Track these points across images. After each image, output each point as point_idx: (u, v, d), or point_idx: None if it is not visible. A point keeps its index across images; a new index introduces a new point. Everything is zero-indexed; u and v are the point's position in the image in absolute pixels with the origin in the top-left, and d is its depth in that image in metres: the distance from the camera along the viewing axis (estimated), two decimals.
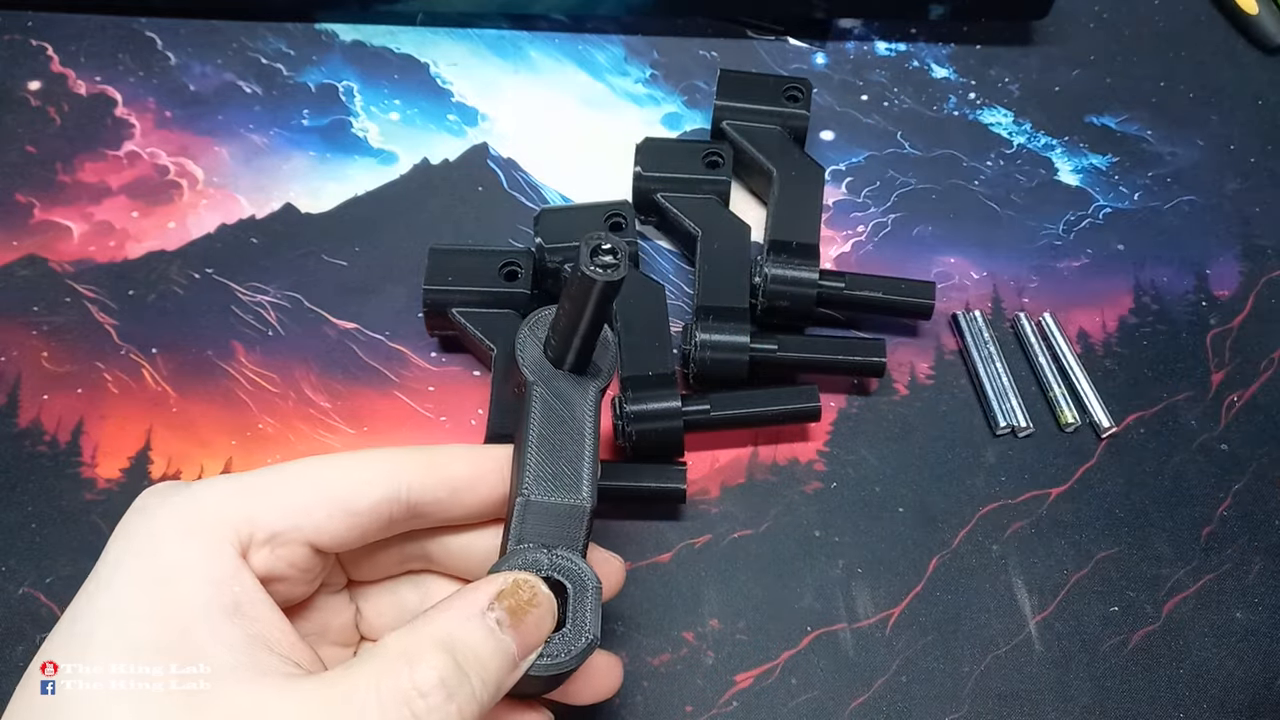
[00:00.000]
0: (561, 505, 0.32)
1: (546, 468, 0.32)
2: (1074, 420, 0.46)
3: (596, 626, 0.31)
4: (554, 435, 0.33)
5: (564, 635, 0.30)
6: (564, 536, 0.32)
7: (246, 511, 0.30)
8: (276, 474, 0.31)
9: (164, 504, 0.30)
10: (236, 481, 0.31)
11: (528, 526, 0.32)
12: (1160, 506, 0.45)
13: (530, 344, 0.34)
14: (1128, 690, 0.41)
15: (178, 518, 0.29)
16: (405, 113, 0.54)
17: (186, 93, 0.54)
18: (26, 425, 0.45)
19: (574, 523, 0.32)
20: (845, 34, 0.57)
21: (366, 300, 0.48)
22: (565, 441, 0.33)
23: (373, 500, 0.31)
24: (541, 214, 0.47)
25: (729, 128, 0.50)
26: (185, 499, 0.30)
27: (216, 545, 0.29)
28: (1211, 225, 0.52)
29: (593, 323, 0.32)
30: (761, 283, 0.45)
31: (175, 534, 0.29)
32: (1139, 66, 0.57)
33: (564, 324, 0.32)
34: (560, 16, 0.57)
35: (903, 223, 0.51)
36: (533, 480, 0.32)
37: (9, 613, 0.41)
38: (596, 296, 0.31)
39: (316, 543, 0.31)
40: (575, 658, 0.30)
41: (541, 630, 0.30)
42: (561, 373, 0.34)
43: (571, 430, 0.33)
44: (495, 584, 0.29)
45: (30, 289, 0.48)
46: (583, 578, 0.31)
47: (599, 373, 0.34)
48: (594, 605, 0.31)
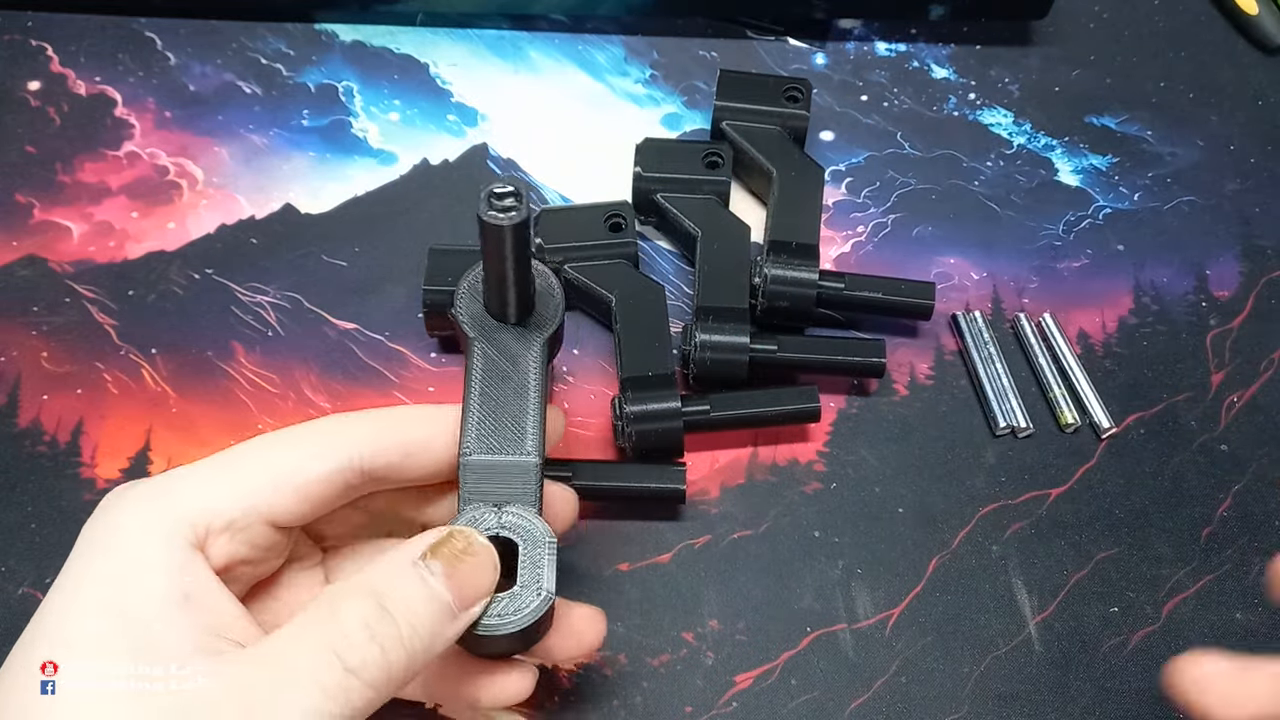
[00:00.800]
0: (506, 462, 0.32)
1: (488, 424, 0.32)
2: (1074, 421, 0.46)
3: (551, 581, 0.30)
4: (496, 391, 0.33)
5: (515, 594, 0.30)
6: (514, 494, 0.31)
7: (200, 502, 0.31)
8: (227, 459, 0.32)
9: (121, 502, 0.31)
10: (190, 473, 0.31)
11: (471, 486, 0.31)
12: (1160, 507, 0.45)
13: (468, 300, 0.34)
14: (1128, 690, 0.41)
15: (134, 515, 0.30)
16: (405, 113, 0.54)
17: (186, 93, 0.54)
18: (26, 425, 0.45)
19: (522, 479, 0.32)
20: (845, 34, 0.57)
21: (366, 300, 0.48)
22: (508, 397, 0.33)
23: (324, 471, 0.32)
24: (541, 214, 0.47)
25: (729, 128, 0.50)
26: (141, 495, 0.31)
27: (169, 539, 0.30)
28: (1211, 225, 0.52)
29: (516, 269, 0.32)
30: (761, 283, 0.45)
31: (132, 531, 0.30)
32: (1139, 66, 0.57)
33: (491, 276, 0.32)
34: (560, 17, 0.57)
35: (902, 223, 0.51)
36: (474, 439, 0.32)
37: (9, 613, 0.41)
38: (510, 240, 0.30)
39: (274, 520, 0.31)
40: (527, 615, 0.30)
41: (480, 581, 0.30)
42: (504, 326, 0.33)
43: (515, 384, 0.33)
44: (429, 537, 0.30)
45: (30, 289, 0.48)
46: (533, 533, 0.31)
47: (543, 322, 0.34)
48: (549, 560, 0.31)
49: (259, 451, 0.32)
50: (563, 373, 0.47)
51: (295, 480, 0.31)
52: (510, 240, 0.30)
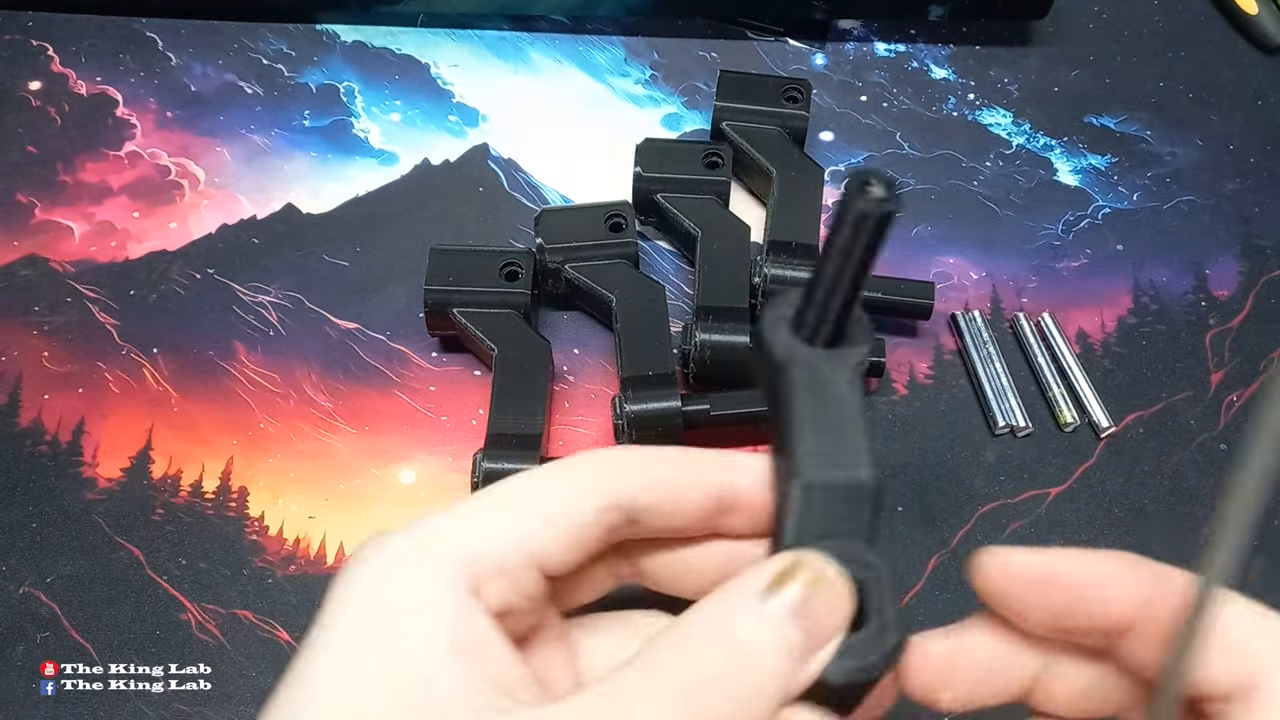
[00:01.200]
0: (843, 484, 0.28)
1: (818, 445, 0.28)
2: (1073, 420, 0.46)
3: (902, 624, 0.26)
4: (821, 413, 0.28)
5: (865, 635, 0.26)
6: (846, 524, 0.27)
7: (473, 543, 0.27)
8: (494, 497, 0.28)
9: (384, 550, 0.27)
10: (454, 516, 0.28)
11: (806, 516, 0.27)
12: (1160, 506, 0.45)
13: (777, 327, 0.29)
14: None
15: (402, 561, 0.26)
16: (406, 113, 0.54)
17: (187, 93, 0.54)
18: (27, 425, 0.45)
19: (858, 505, 0.27)
20: (845, 35, 0.57)
21: (367, 300, 0.48)
22: (834, 418, 0.28)
23: (594, 509, 0.28)
24: (542, 214, 0.47)
25: (729, 128, 0.50)
26: (407, 541, 0.27)
27: (446, 586, 0.26)
28: (1211, 225, 0.52)
29: (858, 272, 0.28)
30: (761, 283, 0.45)
31: (403, 580, 0.26)
32: (1139, 66, 0.57)
33: (827, 281, 0.28)
34: (560, 17, 0.57)
35: (902, 223, 0.51)
36: (806, 460, 0.27)
37: (9, 613, 0.41)
38: (871, 232, 0.26)
39: (545, 564, 0.28)
40: (884, 658, 0.25)
41: (833, 619, 0.25)
42: (816, 351, 0.29)
43: (839, 405, 0.29)
44: (774, 565, 0.25)
45: (31, 289, 0.48)
46: (877, 567, 0.26)
47: (856, 341, 0.30)
48: (892, 599, 0.26)
49: (523, 491, 0.28)
50: (563, 372, 0.47)
51: (568, 519, 0.28)
52: (871, 232, 0.26)
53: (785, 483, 0.28)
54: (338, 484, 0.44)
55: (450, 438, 0.45)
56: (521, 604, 0.28)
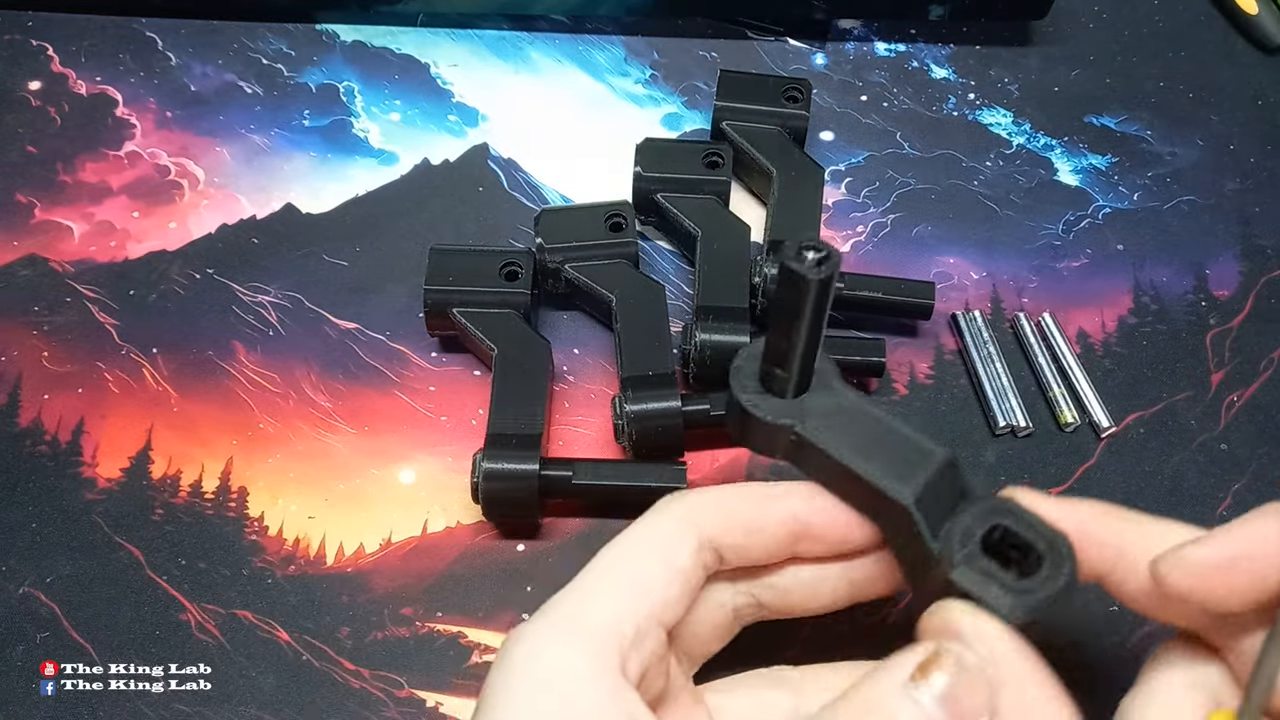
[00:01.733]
0: (936, 475, 0.30)
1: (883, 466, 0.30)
2: (1073, 420, 0.46)
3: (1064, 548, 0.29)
4: (861, 439, 0.31)
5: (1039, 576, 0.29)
6: (952, 495, 0.30)
7: (612, 614, 0.29)
8: (604, 572, 0.30)
9: (538, 634, 0.29)
10: (581, 594, 0.29)
11: (932, 519, 0.30)
12: (1160, 506, 0.44)
13: (758, 403, 0.32)
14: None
15: (553, 647, 0.28)
16: (406, 113, 0.54)
17: (187, 93, 0.54)
18: (27, 425, 0.45)
19: (952, 476, 0.31)
20: (845, 34, 0.57)
21: (367, 300, 0.48)
22: (874, 436, 0.31)
23: (691, 549, 0.30)
24: (541, 214, 0.47)
25: (729, 128, 0.50)
26: (558, 622, 0.29)
27: (599, 664, 0.28)
28: (1211, 225, 0.52)
29: (811, 332, 0.30)
30: (761, 283, 0.45)
31: (557, 663, 0.28)
32: (1139, 66, 0.57)
33: (780, 343, 0.31)
34: (560, 17, 0.57)
35: (902, 223, 0.51)
36: (891, 487, 0.30)
37: (9, 613, 0.41)
38: (814, 295, 0.29)
39: (664, 617, 0.30)
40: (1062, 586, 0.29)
41: (977, 702, 0.27)
42: (804, 396, 0.32)
43: (867, 423, 0.31)
44: (917, 654, 0.27)
45: (31, 289, 0.48)
46: (1001, 508, 0.30)
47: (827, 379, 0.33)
48: (1038, 524, 0.30)
49: (629, 550, 0.30)
50: (563, 372, 0.47)
51: (672, 565, 0.30)
52: (814, 295, 0.29)
53: (896, 516, 0.30)
54: (337, 484, 0.44)
55: (450, 438, 0.45)
56: (653, 665, 0.29)
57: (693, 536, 0.30)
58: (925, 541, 0.30)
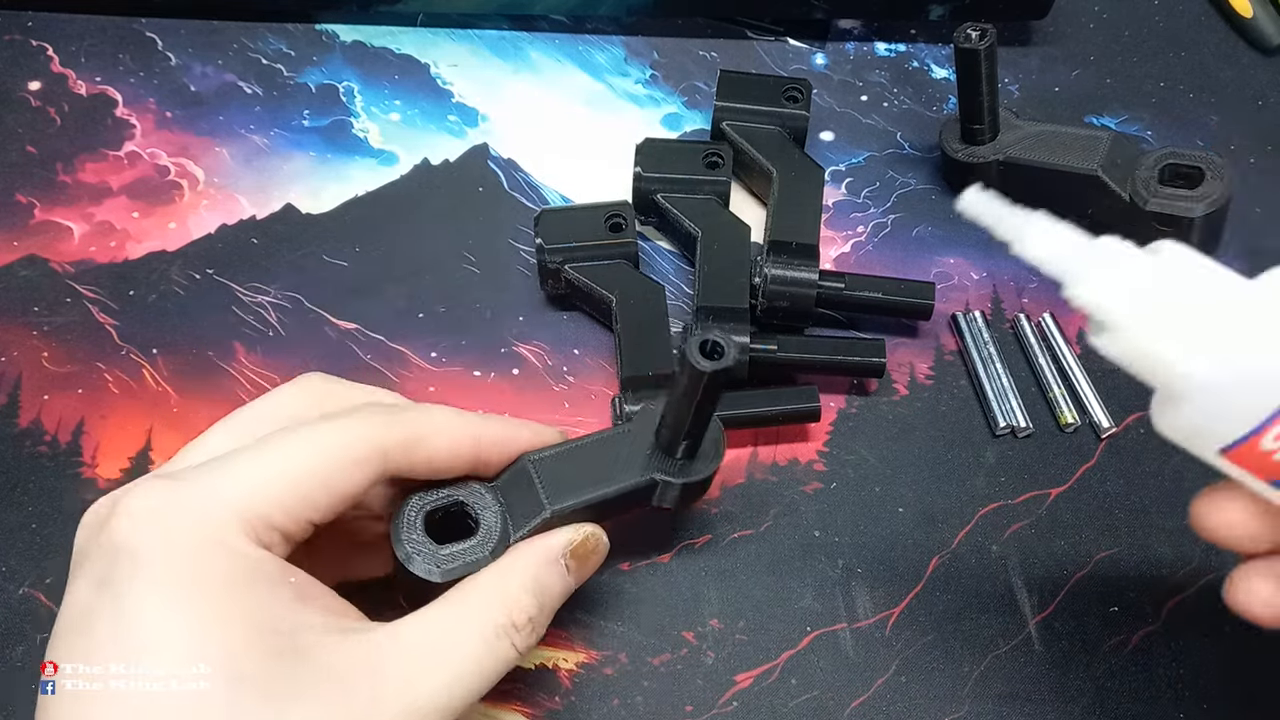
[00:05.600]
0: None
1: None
2: (1074, 420, 0.46)
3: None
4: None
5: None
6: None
7: (246, 506, 0.31)
8: (262, 461, 0.32)
9: (165, 506, 0.30)
10: (225, 474, 0.31)
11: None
12: (1160, 506, 0.45)
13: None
14: (1128, 690, 0.41)
15: (186, 526, 0.30)
16: (406, 113, 0.54)
17: (187, 93, 0.54)
18: (27, 425, 0.45)
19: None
20: (845, 34, 0.57)
21: (367, 300, 0.48)
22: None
23: (363, 480, 0.33)
24: (541, 215, 0.47)
25: (729, 128, 0.50)
26: (179, 497, 0.30)
27: (243, 547, 0.30)
28: None
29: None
30: (761, 283, 0.45)
31: (192, 544, 0.30)
32: (1139, 66, 0.57)
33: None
34: (560, 17, 0.57)
35: (902, 223, 0.51)
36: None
37: (9, 613, 0.41)
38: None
39: (315, 521, 0.32)
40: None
41: (591, 568, 0.37)
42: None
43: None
44: (568, 535, 0.35)
45: (31, 289, 0.48)
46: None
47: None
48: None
49: (297, 454, 0.32)
50: (563, 373, 0.47)
51: (340, 490, 0.32)
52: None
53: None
54: None
55: None
56: (296, 539, 0.32)
57: (371, 466, 0.33)
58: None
